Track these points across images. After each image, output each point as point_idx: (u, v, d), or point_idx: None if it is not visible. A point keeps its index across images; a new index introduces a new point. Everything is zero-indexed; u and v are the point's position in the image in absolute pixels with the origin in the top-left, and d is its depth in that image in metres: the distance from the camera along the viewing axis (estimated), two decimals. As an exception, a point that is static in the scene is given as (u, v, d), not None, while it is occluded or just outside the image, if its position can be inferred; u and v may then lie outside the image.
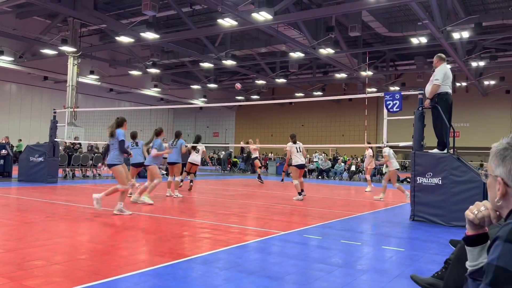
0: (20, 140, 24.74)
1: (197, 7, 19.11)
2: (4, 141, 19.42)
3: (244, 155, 25.18)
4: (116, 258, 4.12)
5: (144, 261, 4.10)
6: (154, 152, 8.80)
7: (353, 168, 22.06)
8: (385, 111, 8.01)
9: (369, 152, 13.89)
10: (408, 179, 20.20)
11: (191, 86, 33.82)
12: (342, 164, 22.75)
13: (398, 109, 7.71)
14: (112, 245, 4.73)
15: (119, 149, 6.98)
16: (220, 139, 41.65)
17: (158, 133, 9.27)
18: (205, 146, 12.42)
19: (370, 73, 25.60)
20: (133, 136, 9.53)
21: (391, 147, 10.52)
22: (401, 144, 8.86)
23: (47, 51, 22.53)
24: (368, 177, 14.03)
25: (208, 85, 32.19)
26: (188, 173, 12.01)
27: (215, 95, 38.74)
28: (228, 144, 37.80)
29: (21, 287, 3.20)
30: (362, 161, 25.56)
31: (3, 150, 13.86)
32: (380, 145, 9.50)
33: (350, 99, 32.70)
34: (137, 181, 10.30)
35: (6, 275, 3.44)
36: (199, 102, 37.55)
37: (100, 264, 3.93)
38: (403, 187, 11.44)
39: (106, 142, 7.78)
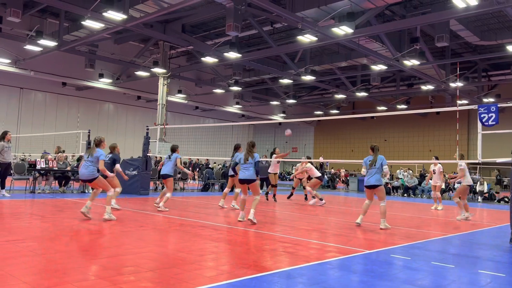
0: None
1: (277, 25, 19.54)
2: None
3: (325, 170, 24.84)
4: (204, 268, 4.31)
5: (230, 272, 4.23)
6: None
7: (442, 186, 20.68)
8: (479, 124, 7.47)
9: (438, 167, 13.28)
10: (506, 198, 18.41)
11: (271, 102, 34.39)
12: (430, 181, 21.42)
13: (494, 123, 7.15)
14: (200, 255, 4.95)
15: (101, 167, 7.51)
16: (299, 154, 41.61)
17: (237, 148, 10.36)
18: (284, 161, 13.01)
19: (460, 84, 24.02)
20: (173, 149, 9.93)
21: (485, 163, 9.77)
22: (499, 160, 8.17)
23: (140, 73, 24.46)
24: (438, 194, 13.43)
25: (287, 100, 32.49)
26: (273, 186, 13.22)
27: (294, 110, 38.95)
28: (309, 159, 37.55)
29: (122, 290, 3.49)
30: (452, 178, 23.89)
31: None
32: (474, 161, 8.83)
33: (438, 113, 30.91)
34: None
35: (108, 279, 3.77)
36: (278, 118, 38.01)
37: (188, 273, 4.13)
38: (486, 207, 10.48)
39: (190, 157, 8.39)
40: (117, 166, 9.02)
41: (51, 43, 19.25)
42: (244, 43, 23.22)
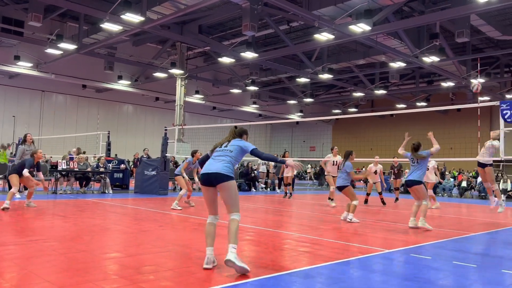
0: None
1: (294, 24, 19.48)
2: (135, 156, 21.59)
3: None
4: (223, 267, 4.33)
5: (249, 271, 4.24)
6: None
7: (464, 184, 20.29)
8: (501, 121, 7.30)
9: (433, 164, 12.76)
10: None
11: (288, 102, 34.31)
12: (451, 179, 21.05)
13: (517, 119, 6.97)
14: (218, 254, 4.97)
15: None
16: (317, 153, 41.40)
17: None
18: (302, 160, 12.94)
19: (481, 80, 23.51)
20: (191, 154, 10.26)
21: (508, 161, 9.51)
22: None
23: (158, 74, 24.71)
24: (431, 191, 12.35)
25: (305, 99, 32.36)
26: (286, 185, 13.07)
27: (311, 109, 38.77)
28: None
29: (142, 288, 3.53)
30: (474, 176, 23.39)
31: (122, 165, 15.42)
32: (497, 158, 8.63)
33: (458, 109, 30.31)
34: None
35: (128, 277, 3.82)
36: (295, 117, 37.90)
37: (207, 272, 4.15)
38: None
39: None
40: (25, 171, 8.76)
41: (71, 46, 19.62)
42: (260, 42, 23.22)
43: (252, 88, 28.01)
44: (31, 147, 11.41)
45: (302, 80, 26.35)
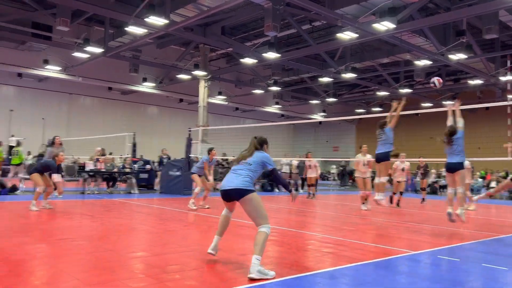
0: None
1: (316, 23, 19.37)
2: (164, 154, 21.89)
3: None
4: (246, 268, 4.35)
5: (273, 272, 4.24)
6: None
7: (493, 184, 19.73)
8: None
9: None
10: None
11: (310, 102, 34.12)
12: (480, 180, 20.52)
13: (549, 117, 6.72)
14: (242, 255, 5.00)
15: None
16: (341, 153, 41.01)
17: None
18: (325, 160, 12.69)
19: (511, 78, 22.79)
20: (209, 152, 10.16)
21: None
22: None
23: (182, 76, 25.00)
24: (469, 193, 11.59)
25: (327, 99, 32.12)
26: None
27: (334, 109, 38.43)
28: (349, 158, 36.94)
29: (165, 287, 3.59)
30: (504, 176, 22.70)
31: (148, 165, 15.67)
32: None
33: (487, 108, 29.45)
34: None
35: (154, 276, 3.89)
36: (318, 117, 37.65)
37: (231, 272, 4.18)
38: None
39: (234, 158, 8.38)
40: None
41: (98, 50, 20.06)
42: (283, 42, 23.18)
43: (274, 88, 27.99)
44: (60, 149, 11.70)
45: (325, 79, 26.16)
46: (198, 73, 23.32)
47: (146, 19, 15.08)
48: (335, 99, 32.21)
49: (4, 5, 18.78)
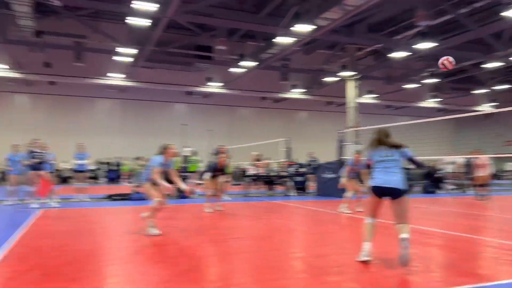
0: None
1: (477, 4, 17.31)
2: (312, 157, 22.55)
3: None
4: (414, 274, 4.15)
5: (444, 280, 3.97)
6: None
7: None
8: None
9: None
10: None
11: (475, 92, 30.52)
12: None
13: None
14: (382, 252, 4.78)
15: None
16: (518, 148, 35.52)
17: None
18: (497, 157, 11.21)
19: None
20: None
21: None
22: None
23: (330, 79, 25.11)
24: None
25: (496, 87, 28.25)
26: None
27: (506, 97, 33.55)
28: None
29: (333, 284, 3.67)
30: None
31: (302, 168, 16.15)
32: None
33: None
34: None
35: (315, 277, 4.02)
36: (486, 108, 33.38)
37: (398, 277, 4.04)
38: None
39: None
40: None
41: (252, 63, 21.58)
42: (436, 31, 21.35)
43: (430, 81, 25.91)
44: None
45: (492, 65, 23.12)
46: (346, 73, 23.10)
47: (293, 28, 15.64)
48: (508, 86, 28.15)
49: (172, 33, 21.67)
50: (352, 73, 22.77)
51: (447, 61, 6.67)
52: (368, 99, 30.32)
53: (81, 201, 11.60)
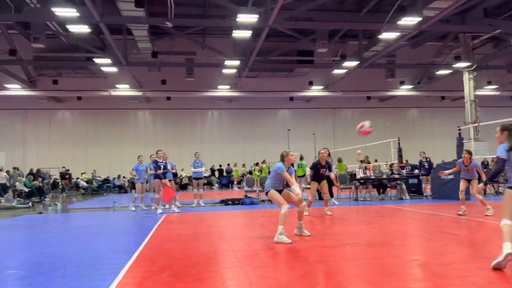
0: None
1: None
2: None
3: None
4: None
5: None
6: None
7: None
8: None
9: None
10: None
11: None
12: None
13: None
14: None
15: None
16: None
17: None
18: None
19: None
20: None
21: None
22: None
23: (442, 72, 23.32)
24: None
25: None
26: None
27: None
28: None
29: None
30: None
31: (416, 170, 15.20)
32: None
33: None
34: None
35: (438, 286, 3.73)
36: None
37: None
38: None
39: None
40: None
41: (354, 63, 21.05)
42: None
43: None
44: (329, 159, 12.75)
45: None
46: (460, 65, 21.22)
47: (398, 22, 14.90)
48: None
49: (273, 41, 22.14)
50: (467, 63, 20.84)
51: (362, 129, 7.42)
52: (488, 91, 27.47)
53: (199, 206, 12.42)
